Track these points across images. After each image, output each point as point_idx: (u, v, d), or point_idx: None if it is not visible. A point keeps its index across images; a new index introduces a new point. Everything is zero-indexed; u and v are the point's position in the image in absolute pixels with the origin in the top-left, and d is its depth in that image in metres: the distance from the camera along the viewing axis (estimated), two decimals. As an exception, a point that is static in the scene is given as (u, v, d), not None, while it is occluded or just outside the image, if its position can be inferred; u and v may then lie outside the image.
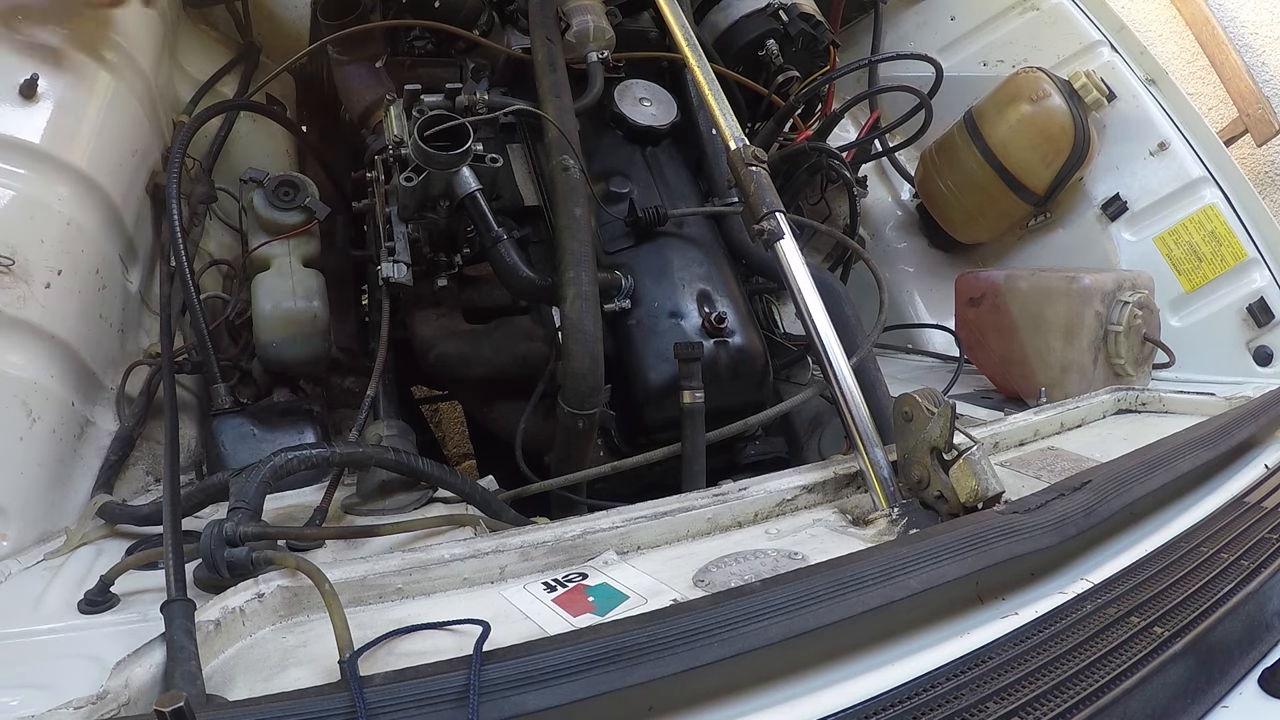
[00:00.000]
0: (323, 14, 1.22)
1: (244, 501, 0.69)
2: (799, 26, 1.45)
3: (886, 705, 0.53)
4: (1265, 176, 2.64)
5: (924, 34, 1.88)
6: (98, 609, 0.69)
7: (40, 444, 0.89)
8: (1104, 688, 0.55)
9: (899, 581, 0.58)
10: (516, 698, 0.46)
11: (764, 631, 0.52)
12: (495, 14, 1.32)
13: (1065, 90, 1.49)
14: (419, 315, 1.14)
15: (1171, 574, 0.70)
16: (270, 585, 0.61)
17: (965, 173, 1.61)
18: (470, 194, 1.05)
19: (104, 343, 1.03)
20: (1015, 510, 0.70)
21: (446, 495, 0.89)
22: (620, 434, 1.15)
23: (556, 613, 0.61)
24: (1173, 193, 1.49)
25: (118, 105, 1.11)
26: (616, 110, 1.28)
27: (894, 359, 1.76)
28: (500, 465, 1.09)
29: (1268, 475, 0.92)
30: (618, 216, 1.18)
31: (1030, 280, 1.35)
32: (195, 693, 0.49)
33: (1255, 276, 1.41)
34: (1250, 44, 2.63)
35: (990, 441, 1.00)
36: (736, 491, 0.81)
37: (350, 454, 0.81)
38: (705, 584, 0.66)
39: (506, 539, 0.69)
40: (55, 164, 0.99)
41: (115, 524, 0.86)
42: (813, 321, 0.86)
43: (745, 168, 0.94)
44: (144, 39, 1.21)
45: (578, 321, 0.94)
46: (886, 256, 1.90)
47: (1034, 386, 1.33)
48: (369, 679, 0.47)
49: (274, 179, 1.16)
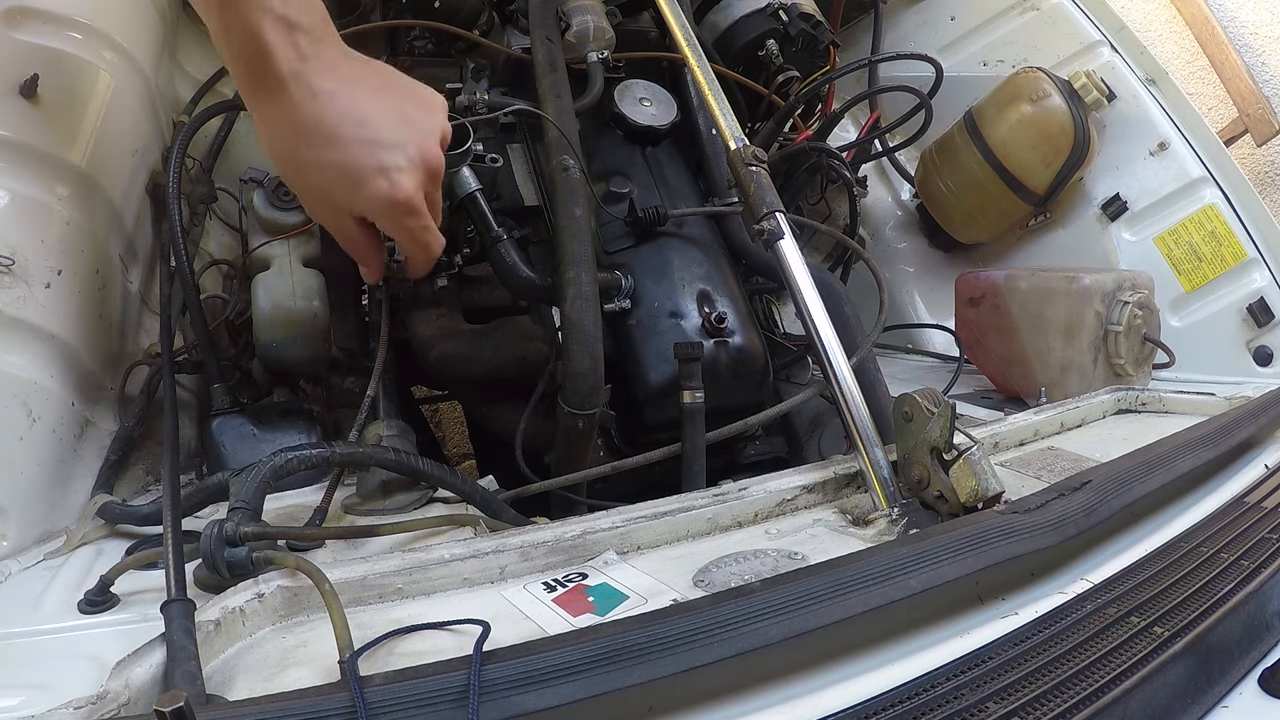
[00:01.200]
0: (322, 14, 1.22)
1: (244, 501, 0.69)
2: (799, 26, 1.45)
3: (886, 705, 0.53)
4: (1265, 176, 2.64)
5: (924, 34, 1.88)
6: (98, 609, 0.69)
7: (40, 444, 0.89)
8: (1104, 688, 0.55)
9: (899, 581, 0.58)
10: (516, 698, 0.46)
11: (764, 631, 0.52)
12: (495, 14, 1.32)
13: (1065, 90, 1.49)
14: (419, 315, 1.14)
15: (1171, 574, 0.70)
16: (270, 585, 0.61)
17: (965, 173, 1.61)
18: (470, 194, 1.05)
19: (104, 343, 1.03)
20: (1015, 510, 0.70)
21: (446, 495, 0.89)
22: (620, 434, 1.15)
23: (556, 613, 0.61)
24: (1173, 193, 1.49)
25: (118, 105, 1.11)
26: (616, 110, 1.28)
27: (894, 359, 1.76)
28: (500, 465, 1.09)
29: (1268, 475, 0.92)
30: (618, 216, 1.18)
31: (1030, 280, 1.35)
32: (195, 693, 0.49)
33: (1255, 276, 1.41)
34: (1250, 44, 2.63)
35: (990, 441, 1.00)
36: (736, 491, 0.81)
37: (350, 454, 0.81)
38: (705, 584, 0.66)
39: (506, 539, 0.69)
40: (55, 164, 0.99)
41: (115, 524, 0.86)
42: (813, 321, 0.86)
43: (745, 168, 0.94)
44: (144, 39, 1.21)
45: (578, 321, 0.94)
46: (886, 256, 1.90)
47: (1034, 386, 1.33)
48: (369, 679, 0.47)
49: (274, 179, 1.16)
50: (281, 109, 0.70)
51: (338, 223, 0.79)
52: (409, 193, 0.75)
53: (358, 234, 0.80)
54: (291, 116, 0.70)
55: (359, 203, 0.76)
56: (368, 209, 0.76)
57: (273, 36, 0.67)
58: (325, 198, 0.76)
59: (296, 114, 0.70)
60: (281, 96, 0.69)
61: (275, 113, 0.71)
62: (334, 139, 0.72)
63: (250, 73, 0.69)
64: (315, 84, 0.70)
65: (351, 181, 0.73)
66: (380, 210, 0.76)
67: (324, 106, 0.71)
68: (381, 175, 0.74)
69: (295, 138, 0.71)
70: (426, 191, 0.78)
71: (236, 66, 0.69)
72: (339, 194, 0.75)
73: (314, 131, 0.71)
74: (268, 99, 0.70)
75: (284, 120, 0.71)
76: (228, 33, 0.67)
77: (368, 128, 0.73)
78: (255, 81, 0.69)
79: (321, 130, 0.71)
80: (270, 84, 0.69)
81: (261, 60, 0.67)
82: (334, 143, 0.72)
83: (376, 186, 0.74)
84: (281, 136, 0.72)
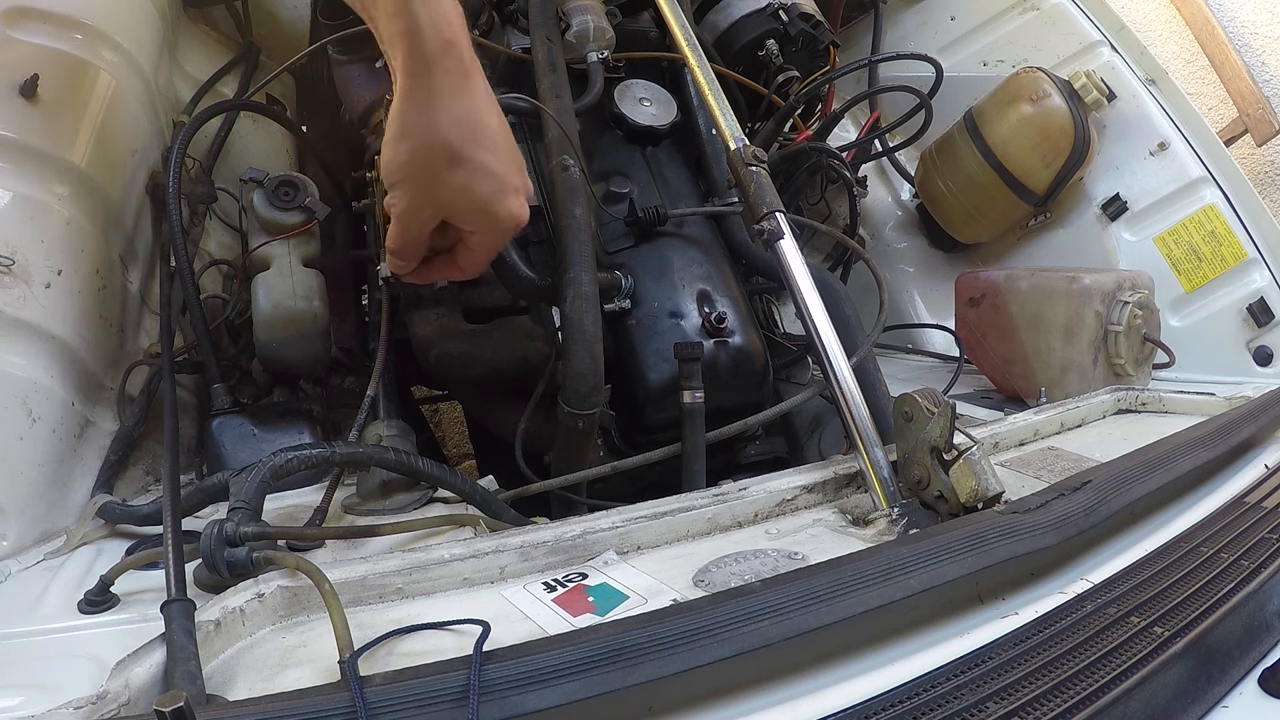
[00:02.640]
0: (323, 14, 1.22)
1: (244, 501, 0.69)
2: (799, 26, 1.45)
3: (886, 705, 0.53)
4: (1265, 176, 2.64)
5: (924, 34, 1.88)
6: (98, 609, 0.69)
7: (40, 444, 0.89)
8: (1104, 688, 0.55)
9: (899, 581, 0.58)
10: (516, 698, 0.46)
11: (764, 631, 0.52)
12: (495, 14, 1.32)
13: (1065, 90, 1.49)
14: (419, 315, 1.14)
15: (1171, 574, 0.70)
16: (270, 585, 0.61)
17: (965, 173, 1.61)
18: (470, 194, 1.05)
19: (104, 343, 1.03)
20: (1015, 510, 0.70)
21: (446, 495, 0.89)
22: (620, 434, 1.15)
23: (556, 613, 0.61)
24: (1173, 193, 1.49)
25: (118, 105, 1.11)
26: (616, 110, 1.28)
27: (894, 359, 1.76)
28: (500, 465, 1.09)
29: (1268, 475, 0.92)
30: (618, 216, 1.18)
31: (1030, 280, 1.35)
32: (195, 693, 0.49)
33: (1255, 276, 1.41)
34: (1250, 44, 2.63)
35: (990, 441, 1.00)
36: (736, 491, 0.81)
37: (350, 454, 0.81)
38: (705, 584, 0.66)
39: (506, 539, 0.69)
40: (55, 164, 0.99)
41: (115, 524, 0.86)
42: (813, 321, 0.86)
43: (745, 168, 0.94)
44: (144, 39, 1.21)
45: (578, 321, 0.94)
46: (886, 256, 1.90)
47: (1034, 386, 1.33)
48: (369, 679, 0.47)
49: (274, 179, 1.16)
50: (462, 96, 0.71)
51: (426, 220, 0.78)
52: (523, 221, 0.79)
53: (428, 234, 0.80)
54: (471, 103, 0.72)
55: (487, 210, 0.77)
56: (489, 219, 0.78)
57: (457, 21, 0.69)
58: (451, 193, 0.75)
59: (473, 102, 0.72)
60: (464, 84, 0.71)
61: (453, 95, 0.71)
62: (495, 144, 0.75)
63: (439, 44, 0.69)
64: (484, 85, 0.74)
65: (495, 189, 0.76)
66: (500, 225, 0.78)
67: (491, 106, 0.75)
68: (516, 195, 0.78)
69: (461, 126, 0.72)
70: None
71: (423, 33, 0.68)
72: (475, 194, 0.75)
73: (480, 127, 0.73)
74: (448, 80, 0.70)
75: (460, 105, 0.71)
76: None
77: (513, 150, 0.78)
78: (439, 56, 0.69)
79: (486, 128, 0.74)
80: (452, 64, 0.70)
81: (451, 38, 0.69)
82: (495, 147, 0.75)
83: (511, 204, 0.77)
84: (449, 120, 0.71)
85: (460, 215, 0.77)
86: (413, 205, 0.76)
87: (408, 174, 0.74)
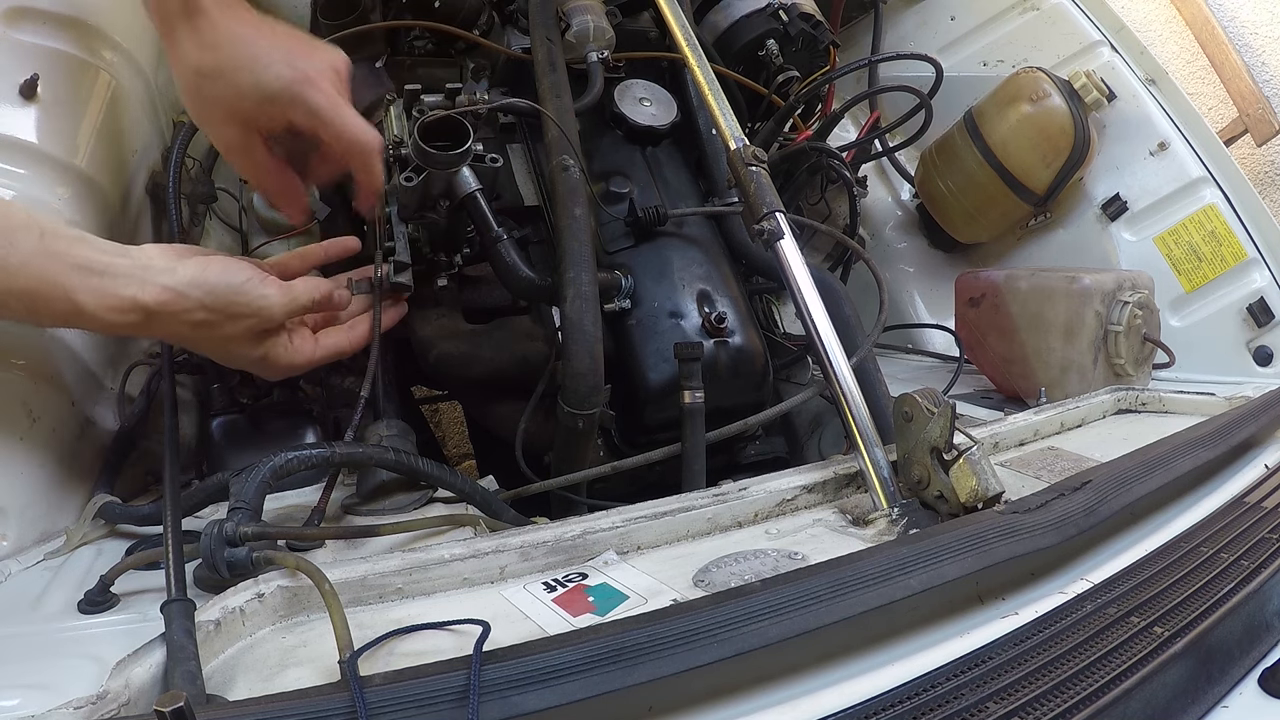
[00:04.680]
0: (323, 14, 1.22)
1: (244, 501, 0.69)
2: (799, 26, 1.45)
3: (886, 705, 0.53)
4: (1265, 176, 2.65)
5: (924, 34, 1.88)
6: (98, 609, 0.69)
7: (40, 444, 0.89)
8: (1104, 688, 0.55)
9: (899, 581, 0.58)
10: (516, 698, 0.46)
11: (764, 631, 0.52)
12: (495, 14, 1.32)
13: (1065, 90, 1.49)
14: (419, 315, 1.14)
15: (1171, 574, 0.70)
16: (270, 585, 0.61)
17: (965, 173, 1.61)
18: (470, 194, 1.05)
19: (104, 343, 1.03)
20: (1015, 510, 0.70)
21: (446, 495, 0.89)
22: (620, 434, 1.15)
23: (556, 613, 0.61)
24: (1173, 193, 1.49)
25: (118, 105, 1.11)
26: (616, 110, 1.28)
27: (894, 359, 1.76)
28: (500, 465, 1.09)
29: (1268, 475, 0.92)
30: (618, 216, 1.18)
31: (1030, 280, 1.35)
32: (195, 693, 0.49)
33: (1255, 276, 1.41)
34: (1250, 44, 2.64)
35: (990, 441, 1.00)
36: (736, 491, 0.81)
37: (350, 454, 0.81)
38: (705, 584, 0.66)
39: (506, 539, 0.69)
40: (55, 164, 0.99)
41: (115, 524, 0.86)
42: (813, 321, 0.86)
43: (745, 168, 0.94)
44: (144, 39, 1.21)
45: (578, 321, 0.94)
46: (886, 256, 1.91)
47: (1034, 386, 1.33)
48: (369, 679, 0.47)
49: (274, 179, 1.16)
50: (204, 33, 0.78)
51: (247, 144, 0.82)
52: (312, 75, 0.80)
53: (267, 160, 0.83)
54: (215, 35, 0.78)
55: (265, 93, 0.79)
56: (275, 96, 0.80)
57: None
58: (233, 110, 0.80)
59: (221, 31, 0.78)
60: (203, 21, 0.77)
61: (197, 37, 0.78)
62: (255, 58, 0.79)
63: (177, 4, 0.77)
64: (239, 13, 0.80)
65: (260, 70, 0.78)
66: (292, 93, 0.80)
67: (246, 29, 0.79)
68: (288, 66, 0.80)
69: (207, 50, 0.78)
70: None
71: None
72: (247, 94, 0.79)
73: (236, 43, 0.78)
74: (189, 25, 0.77)
75: (205, 42, 0.78)
76: None
77: (292, 40, 0.82)
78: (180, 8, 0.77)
79: (241, 42, 0.79)
80: (192, 9, 0.77)
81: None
82: (254, 61, 0.79)
83: (280, 72, 0.79)
84: (199, 58, 0.78)
85: (253, 122, 0.81)
86: (219, 141, 0.83)
87: (201, 120, 0.82)
